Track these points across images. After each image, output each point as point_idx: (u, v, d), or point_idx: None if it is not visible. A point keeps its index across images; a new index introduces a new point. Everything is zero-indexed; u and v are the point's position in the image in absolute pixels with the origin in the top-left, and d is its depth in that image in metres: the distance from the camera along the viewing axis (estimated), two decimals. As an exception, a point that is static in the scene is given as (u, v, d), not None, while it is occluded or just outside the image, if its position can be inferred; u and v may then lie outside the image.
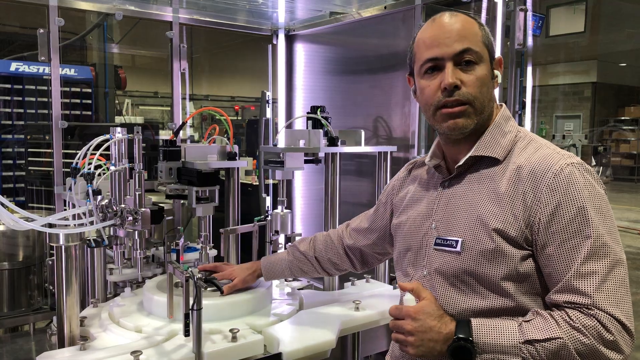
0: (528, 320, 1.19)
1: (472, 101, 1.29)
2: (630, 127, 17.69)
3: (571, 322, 1.14)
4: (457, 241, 1.30)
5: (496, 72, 1.34)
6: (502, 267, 1.24)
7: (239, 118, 11.82)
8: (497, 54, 1.42)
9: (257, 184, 3.27)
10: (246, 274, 1.90)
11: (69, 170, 2.05)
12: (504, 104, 1.40)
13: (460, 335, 1.19)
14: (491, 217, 1.25)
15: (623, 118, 17.90)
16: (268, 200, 3.15)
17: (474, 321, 1.21)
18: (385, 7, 2.60)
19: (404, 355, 1.41)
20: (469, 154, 1.34)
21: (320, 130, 2.28)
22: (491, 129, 1.34)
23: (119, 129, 1.84)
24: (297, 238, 2.41)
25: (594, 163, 16.44)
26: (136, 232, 1.83)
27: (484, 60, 1.30)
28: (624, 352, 1.14)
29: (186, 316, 1.53)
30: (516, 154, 1.30)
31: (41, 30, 2.36)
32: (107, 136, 1.87)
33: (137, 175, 1.81)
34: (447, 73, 1.27)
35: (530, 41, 2.36)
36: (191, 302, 1.51)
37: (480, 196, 1.30)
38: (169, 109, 3.04)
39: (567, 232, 1.18)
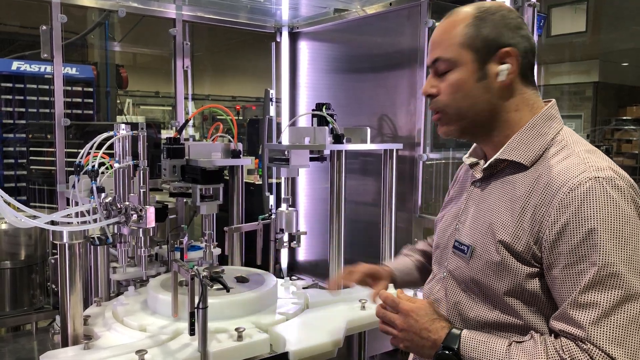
0: (520, 342, 1.13)
1: (442, 109, 1.27)
2: (632, 127, 17.66)
3: (561, 352, 1.05)
4: (468, 247, 1.25)
5: (501, 67, 1.20)
6: (506, 282, 1.16)
7: (240, 118, 11.78)
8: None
9: (260, 183, 3.26)
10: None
11: (71, 168, 2.03)
12: (553, 100, 1.28)
13: (447, 345, 1.17)
14: (500, 227, 1.18)
15: (625, 118, 17.86)
16: (271, 199, 3.13)
17: (465, 332, 1.18)
18: (390, 4, 2.58)
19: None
20: (494, 157, 1.25)
21: (326, 128, 2.26)
22: (524, 129, 1.22)
23: (123, 126, 1.82)
24: (302, 237, 2.40)
25: (595, 163, 16.39)
26: (140, 230, 1.81)
27: (461, 63, 1.22)
28: None
29: (191, 315, 1.51)
30: (545, 161, 1.18)
31: (44, 27, 2.34)
32: (111, 133, 1.85)
33: (141, 172, 1.79)
34: (425, 82, 1.29)
35: (535, 39, 2.33)
36: (196, 300, 1.49)
37: (497, 203, 1.22)
38: (170, 109, 3.02)
39: (573, 256, 1.07)
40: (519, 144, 1.22)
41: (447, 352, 1.16)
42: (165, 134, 3.37)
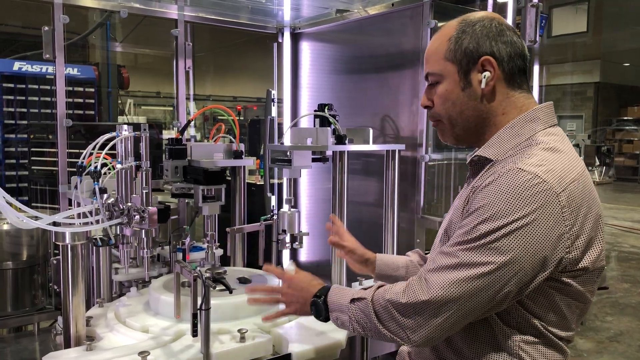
0: (381, 285, 1.32)
1: (438, 118, 1.38)
2: (633, 128, 17.64)
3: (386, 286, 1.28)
4: (439, 242, 1.40)
5: (482, 75, 1.27)
6: None
7: (241, 118, 11.78)
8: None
9: (261, 183, 3.25)
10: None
11: (73, 169, 2.03)
12: (547, 103, 1.32)
13: (317, 294, 1.41)
14: (448, 219, 1.34)
15: (626, 118, 17.84)
16: (273, 200, 3.13)
17: (334, 285, 1.42)
18: (392, 5, 2.57)
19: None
20: (475, 153, 1.34)
21: (328, 128, 2.26)
22: (503, 130, 1.30)
23: (125, 127, 1.82)
24: (304, 237, 2.40)
25: (597, 163, 16.43)
26: (143, 230, 1.81)
27: (448, 75, 1.32)
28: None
29: (194, 316, 1.50)
30: (510, 158, 1.24)
31: (46, 28, 2.34)
32: (114, 134, 1.85)
33: (144, 173, 1.79)
34: (422, 95, 1.42)
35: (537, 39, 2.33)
36: (199, 302, 1.49)
37: (461, 198, 1.32)
38: (171, 109, 3.03)
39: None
40: (495, 141, 1.30)
41: (317, 298, 1.40)
42: (166, 134, 3.37)
